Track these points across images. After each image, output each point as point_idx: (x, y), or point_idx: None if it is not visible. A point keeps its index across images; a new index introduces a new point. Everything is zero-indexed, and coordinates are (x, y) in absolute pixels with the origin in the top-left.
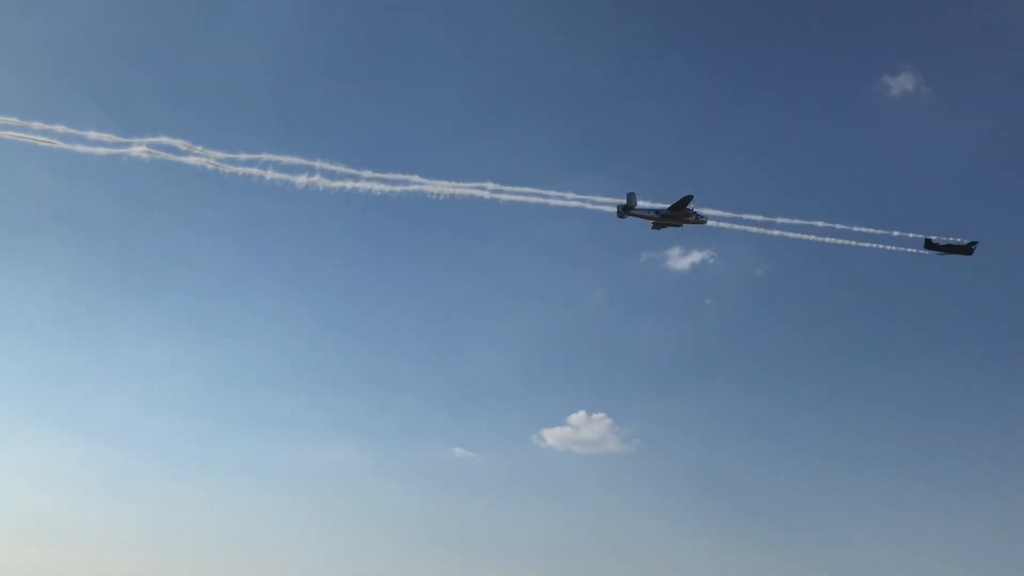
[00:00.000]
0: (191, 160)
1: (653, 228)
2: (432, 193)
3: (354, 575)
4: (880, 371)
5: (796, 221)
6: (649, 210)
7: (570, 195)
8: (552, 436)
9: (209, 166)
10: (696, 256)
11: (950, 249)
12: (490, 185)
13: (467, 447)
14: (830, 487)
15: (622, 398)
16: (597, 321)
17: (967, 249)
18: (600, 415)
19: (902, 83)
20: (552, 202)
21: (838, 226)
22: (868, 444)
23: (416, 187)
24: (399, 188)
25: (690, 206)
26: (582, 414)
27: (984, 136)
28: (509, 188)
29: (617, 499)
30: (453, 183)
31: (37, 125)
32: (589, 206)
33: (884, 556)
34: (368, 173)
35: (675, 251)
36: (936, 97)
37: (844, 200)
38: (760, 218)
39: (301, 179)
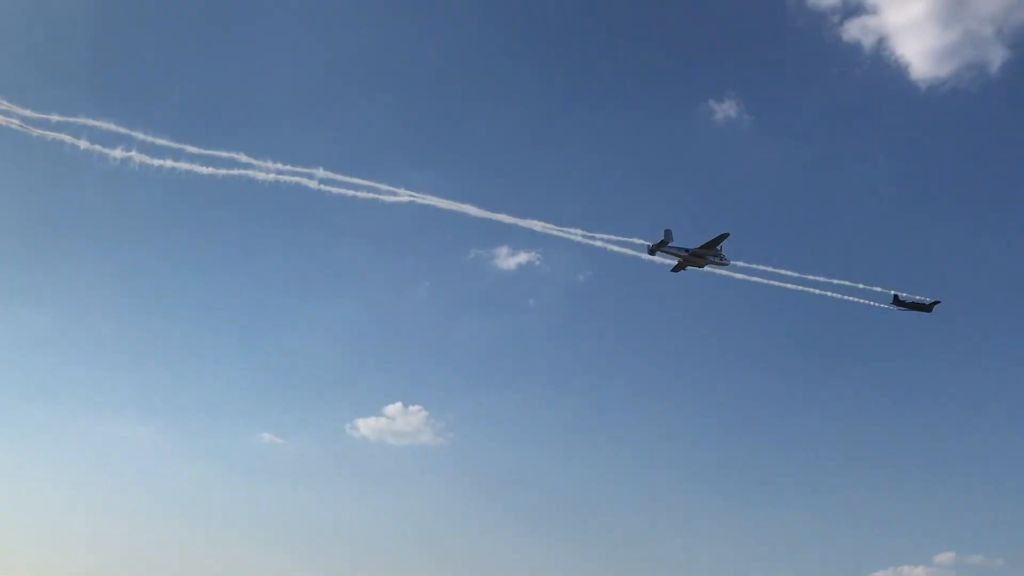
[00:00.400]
0: None
1: (673, 271)
2: (259, 179)
3: (147, 559)
4: (686, 379)
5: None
6: (680, 249)
7: (403, 192)
8: (366, 426)
9: (13, 125)
10: (523, 257)
11: (914, 306)
12: (320, 172)
13: (276, 433)
14: (634, 488)
15: (440, 391)
16: (420, 314)
17: (929, 307)
18: (417, 407)
19: (726, 109)
20: (384, 198)
21: (811, 277)
22: (671, 447)
23: (240, 172)
24: (222, 172)
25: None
26: (398, 405)
27: (795, 168)
28: (340, 177)
29: (429, 491)
30: (281, 165)
31: None
32: (420, 200)
33: (684, 555)
34: (192, 149)
35: (503, 250)
36: (755, 126)
37: (658, 212)
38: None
39: (117, 152)
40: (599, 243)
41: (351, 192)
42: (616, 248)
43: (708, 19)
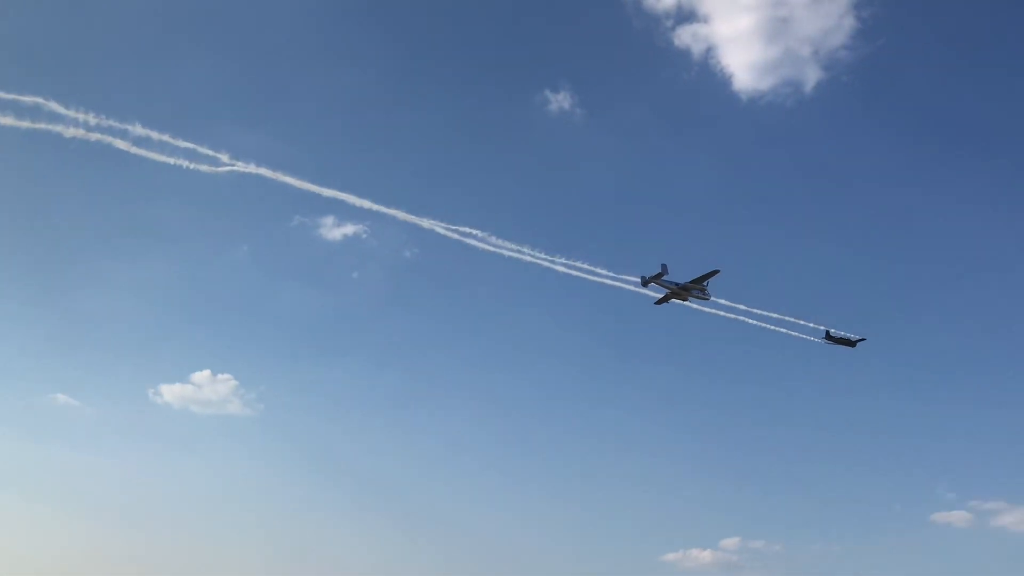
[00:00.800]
0: None
1: (656, 303)
2: (66, 135)
3: None
4: (504, 362)
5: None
6: (672, 282)
7: (224, 156)
8: (171, 393)
9: None
10: (349, 228)
11: (841, 341)
12: (137, 129)
13: (72, 394)
14: (448, 466)
15: (253, 361)
16: (237, 279)
17: (854, 343)
18: (226, 376)
19: (560, 100)
20: (201, 167)
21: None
22: (487, 429)
23: (47, 125)
24: (25, 123)
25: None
26: (207, 373)
27: (622, 165)
28: (157, 136)
29: (233, 462)
30: (93, 117)
31: None
32: (240, 170)
33: (493, 534)
34: None
35: (329, 220)
36: (587, 120)
37: (487, 196)
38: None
39: None
40: (425, 224)
41: (165, 158)
42: (442, 231)
43: (550, 10)
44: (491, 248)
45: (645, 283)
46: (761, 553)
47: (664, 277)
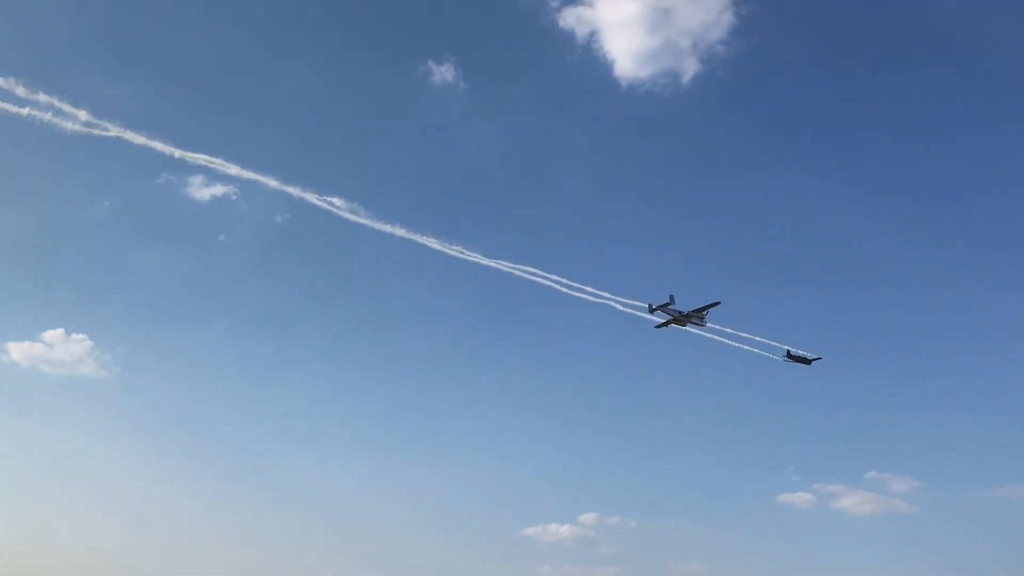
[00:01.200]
0: None
1: (657, 328)
2: None
3: None
4: (373, 332)
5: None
6: (676, 311)
7: (83, 114)
8: (19, 351)
9: None
10: (219, 189)
11: (797, 359)
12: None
13: None
14: (312, 435)
15: (111, 321)
16: (96, 236)
17: (809, 362)
18: (81, 336)
19: (444, 72)
20: (62, 124)
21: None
22: (352, 399)
23: None
24: None
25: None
26: (60, 332)
27: (503, 143)
28: (11, 85)
29: (86, 425)
30: None
31: None
32: (100, 132)
33: (358, 505)
34: None
35: (198, 179)
36: (470, 94)
37: (363, 165)
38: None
39: None
40: (295, 193)
41: (19, 109)
42: (315, 200)
43: None
44: (361, 220)
45: (652, 310)
46: (617, 528)
47: (670, 306)
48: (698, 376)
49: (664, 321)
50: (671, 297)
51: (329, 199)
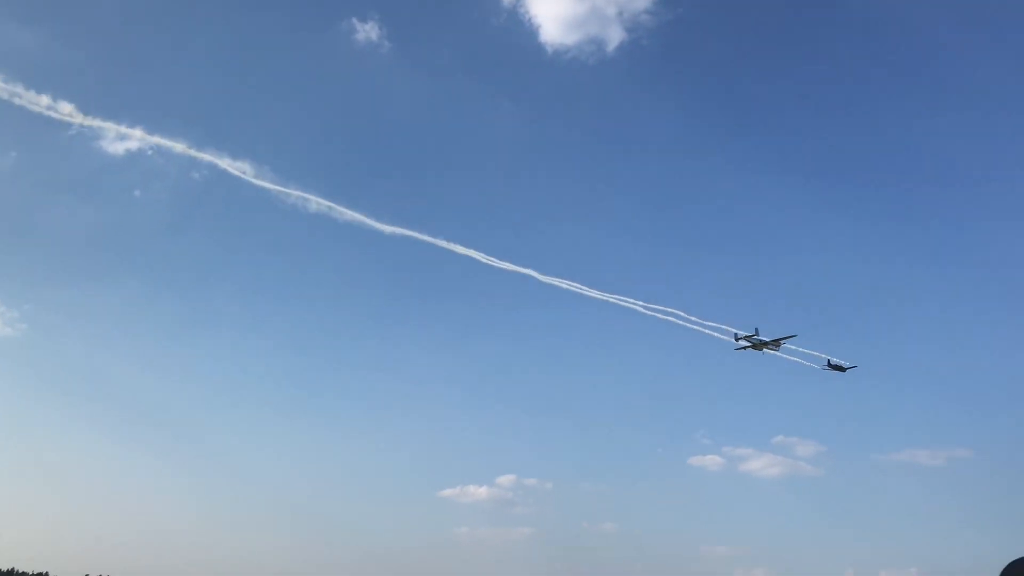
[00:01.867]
0: None
1: (736, 350)
2: None
3: None
4: (284, 300)
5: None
6: (758, 340)
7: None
8: None
9: None
10: (134, 144)
11: (835, 367)
12: None
13: None
14: (220, 399)
15: (16, 278)
16: (1, 188)
17: (844, 370)
18: None
19: (368, 31)
20: None
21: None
22: (263, 363)
23: None
24: None
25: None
26: None
27: (427, 105)
28: None
29: None
30: None
31: None
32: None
33: (269, 470)
34: None
35: (111, 132)
36: (394, 54)
37: (280, 127)
38: None
39: None
40: (206, 158)
41: None
42: (226, 167)
43: None
44: (272, 187)
45: (737, 339)
46: (534, 490)
47: (754, 337)
48: (615, 345)
49: (745, 346)
50: (756, 330)
51: (240, 164)
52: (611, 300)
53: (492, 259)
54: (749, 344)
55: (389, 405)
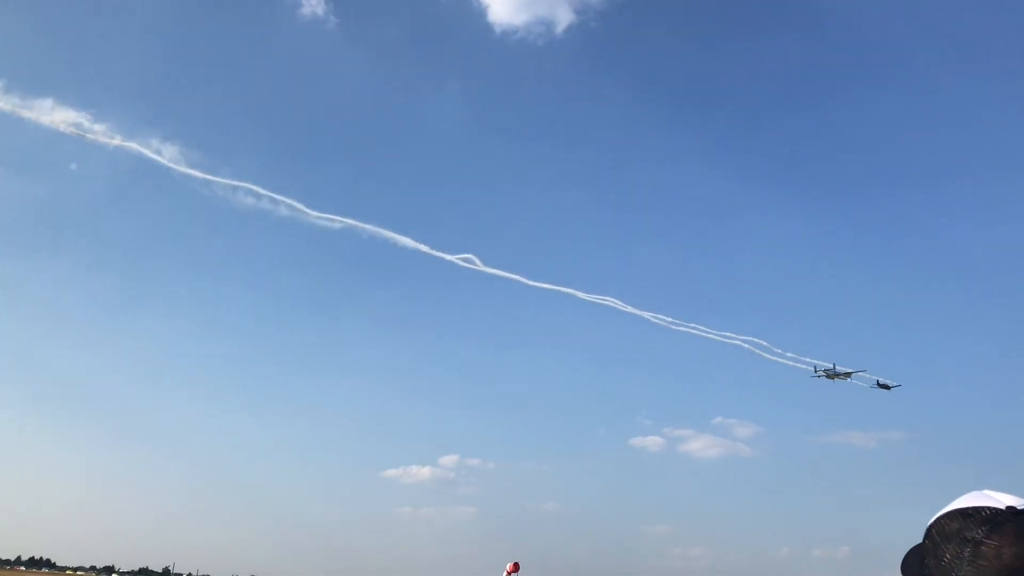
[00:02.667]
0: None
1: (813, 377)
2: None
3: None
4: (232, 270)
5: None
6: (832, 371)
7: None
8: None
9: None
10: (71, 115)
11: (883, 386)
12: None
13: None
14: (161, 379)
15: None
16: None
17: (889, 388)
18: None
19: (314, 6)
20: None
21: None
22: (205, 343)
23: None
24: None
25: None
26: None
27: (373, 83)
28: None
29: None
30: None
31: None
32: None
33: (213, 451)
34: None
35: (47, 103)
36: (340, 30)
37: (214, 105)
38: None
39: None
40: (133, 147)
41: None
42: (154, 156)
43: None
44: (200, 175)
45: (816, 372)
46: (477, 470)
47: (831, 370)
48: (556, 329)
49: (820, 375)
50: (834, 364)
51: (171, 148)
52: (548, 288)
53: (434, 251)
54: (825, 374)
55: (332, 384)
